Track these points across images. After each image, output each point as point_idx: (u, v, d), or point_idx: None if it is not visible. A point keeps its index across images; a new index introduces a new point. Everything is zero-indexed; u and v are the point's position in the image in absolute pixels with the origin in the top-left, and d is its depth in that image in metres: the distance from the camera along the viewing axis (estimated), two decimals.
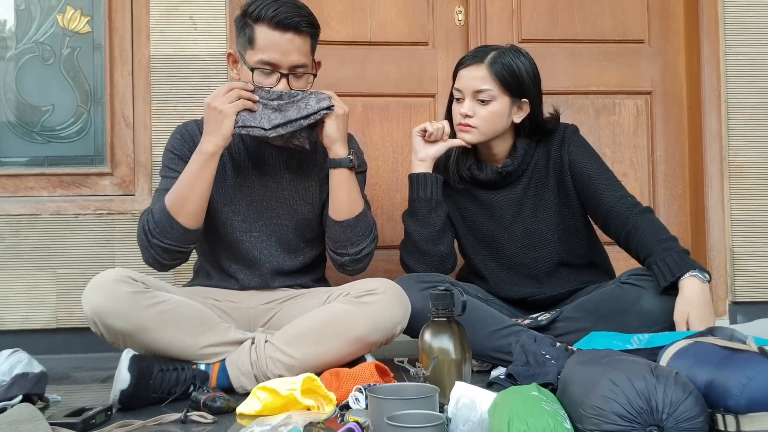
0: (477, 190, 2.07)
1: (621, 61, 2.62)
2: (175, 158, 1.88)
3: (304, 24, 1.79)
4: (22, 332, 2.29)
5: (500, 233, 2.05)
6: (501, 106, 1.95)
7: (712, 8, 2.53)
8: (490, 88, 1.94)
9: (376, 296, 1.74)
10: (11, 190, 2.39)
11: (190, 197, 1.75)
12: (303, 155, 1.93)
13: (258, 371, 1.68)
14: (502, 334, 1.82)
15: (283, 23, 1.76)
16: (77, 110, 2.46)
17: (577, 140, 2.03)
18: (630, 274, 1.91)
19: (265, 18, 1.76)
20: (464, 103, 1.96)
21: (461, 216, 2.10)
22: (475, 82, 1.95)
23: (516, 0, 2.60)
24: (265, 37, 1.77)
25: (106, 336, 1.67)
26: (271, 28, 1.76)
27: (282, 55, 1.78)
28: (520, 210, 2.03)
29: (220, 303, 1.87)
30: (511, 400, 1.19)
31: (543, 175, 2.03)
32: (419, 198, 2.00)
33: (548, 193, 2.03)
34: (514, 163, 2.01)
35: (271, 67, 1.79)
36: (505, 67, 1.94)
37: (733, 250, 2.49)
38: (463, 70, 1.98)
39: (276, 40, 1.77)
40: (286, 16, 1.76)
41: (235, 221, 1.90)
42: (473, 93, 1.95)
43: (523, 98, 1.97)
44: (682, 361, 1.34)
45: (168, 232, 1.74)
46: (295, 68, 1.81)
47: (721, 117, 2.52)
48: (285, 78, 1.79)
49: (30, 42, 2.45)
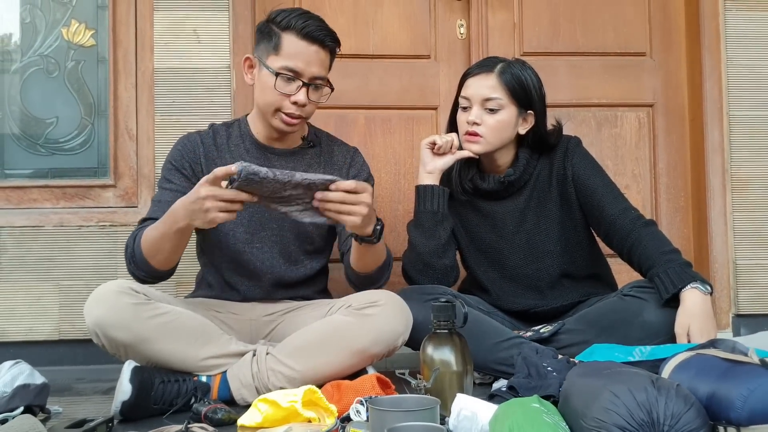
0: (479, 201, 2.07)
1: (623, 74, 2.63)
2: (173, 170, 1.89)
3: (329, 39, 1.86)
4: (24, 344, 2.29)
5: (502, 244, 2.05)
6: (508, 116, 1.96)
7: (713, 21, 2.54)
8: (500, 97, 1.95)
9: (377, 308, 1.74)
10: (15, 201, 2.40)
11: (162, 250, 1.73)
12: (307, 165, 1.94)
13: (259, 383, 1.68)
14: (504, 347, 1.81)
15: (311, 35, 1.82)
16: (81, 122, 2.48)
17: (580, 152, 2.04)
18: (632, 286, 1.90)
19: (294, 27, 1.82)
20: (472, 111, 1.97)
21: (464, 227, 2.10)
22: (484, 90, 1.96)
23: (518, 13, 2.61)
24: (292, 45, 1.82)
25: (108, 347, 1.67)
26: (299, 37, 1.82)
27: (306, 64, 1.82)
28: (523, 221, 2.04)
29: (221, 314, 1.87)
30: (512, 412, 1.19)
31: (546, 187, 2.03)
32: (425, 210, 2.01)
33: (551, 204, 2.03)
34: (516, 172, 2.01)
35: (293, 74, 1.82)
36: (514, 77, 1.96)
37: (736, 262, 2.49)
38: (471, 79, 1.99)
39: (302, 49, 1.82)
40: (315, 29, 1.83)
41: (237, 232, 1.90)
42: (482, 101, 1.96)
43: (528, 110, 1.99)
44: (683, 374, 1.34)
45: (143, 267, 1.76)
46: (315, 79, 1.85)
47: (723, 129, 2.52)
48: (306, 87, 1.83)
49: (35, 55, 2.47)
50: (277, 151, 1.95)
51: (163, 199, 1.84)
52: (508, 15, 2.60)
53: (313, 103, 1.87)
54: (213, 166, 1.87)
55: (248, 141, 1.95)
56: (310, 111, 1.89)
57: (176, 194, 1.82)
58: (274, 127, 1.89)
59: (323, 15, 2.48)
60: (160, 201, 1.84)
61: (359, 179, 1.95)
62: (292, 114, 1.85)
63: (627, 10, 2.64)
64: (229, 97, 2.40)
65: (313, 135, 2.01)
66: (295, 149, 1.96)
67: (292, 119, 1.86)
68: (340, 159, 2.00)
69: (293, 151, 1.96)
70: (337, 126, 2.50)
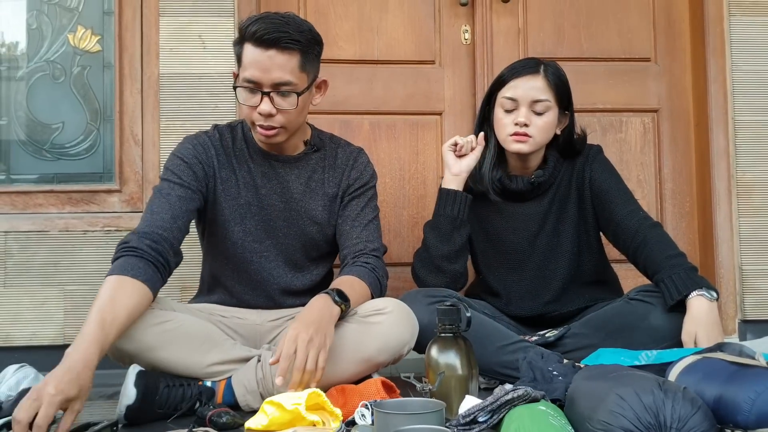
0: (503, 203, 2.06)
1: (627, 79, 2.63)
2: (182, 165, 1.82)
3: (285, 40, 1.72)
4: (29, 348, 2.28)
5: (524, 246, 2.05)
6: (553, 117, 1.97)
7: (718, 26, 2.53)
8: (548, 99, 1.95)
9: (383, 316, 1.71)
10: (21, 206, 2.41)
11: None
12: (311, 171, 1.93)
13: (264, 389, 1.67)
14: (509, 350, 1.81)
15: (263, 39, 1.71)
16: (87, 128, 2.49)
17: (600, 159, 2.06)
18: (638, 291, 1.90)
19: (248, 36, 1.73)
20: (520, 111, 1.95)
21: (484, 229, 2.09)
22: (533, 92, 1.95)
23: (522, 18, 2.62)
24: (249, 54, 1.74)
25: (111, 355, 1.65)
26: (254, 45, 1.73)
27: (263, 72, 1.73)
28: (544, 223, 2.04)
29: (226, 319, 1.87)
30: (518, 414, 1.19)
31: (566, 190, 2.04)
32: (445, 214, 2.00)
33: (570, 206, 2.04)
34: (545, 174, 2.01)
35: (253, 84, 1.75)
36: (559, 78, 1.97)
37: (742, 268, 2.48)
38: (517, 80, 1.97)
39: (257, 57, 1.73)
40: (267, 32, 1.71)
41: (246, 241, 1.88)
42: (531, 103, 1.95)
43: (566, 110, 2.00)
44: (690, 377, 1.33)
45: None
46: (278, 86, 1.75)
47: (728, 134, 2.51)
48: (266, 96, 1.74)
49: (41, 61, 2.48)
50: (281, 158, 1.92)
51: (172, 193, 1.77)
52: (512, 20, 2.61)
53: (285, 111, 1.76)
54: (223, 170, 1.88)
55: (252, 148, 1.91)
56: (286, 120, 1.78)
57: (184, 189, 1.79)
58: (257, 141, 1.87)
59: (328, 21, 2.53)
60: (169, 195, 1.77)
61: (360, 182, 1.95)
62: (263, 125, 1.77)
63: (631, 16, 2.64)
64: (234, 103, 2.40)
65: (316, 138, 1.97)
66: (298, 155, 1.93)
67: (266, 131, 1.78)
68: (342, 161, 1.97)
69: (297, 158, 1.93)
70: (342, 131, 2.50)
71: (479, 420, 1.27)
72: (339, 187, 1.94)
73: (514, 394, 1.27)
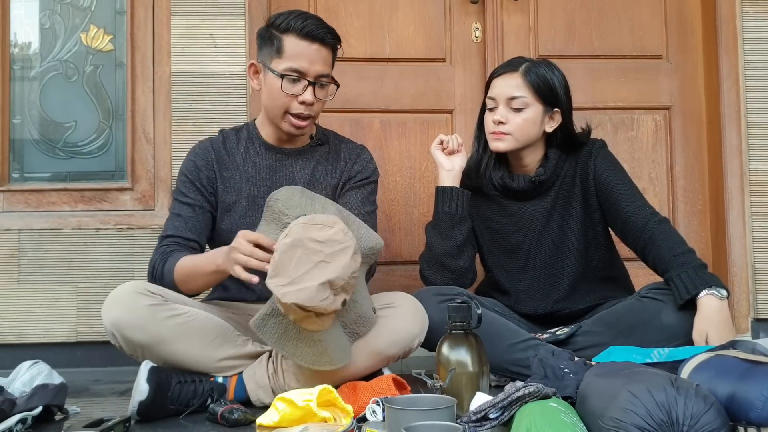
0: (506, 201, 2.07)
1: (639, 77, 2.62)
2: (187, 182, 1.91)
3: (329, 37, 1.88)
4: (42, 345, 2.31)
5: (529, 244, 2.05)
6: (534, 114, 1.97)
7: (730, 23, 2.52)
8: (524, 95, 1.95)
9: (393, 310, 1.75)
10: (34, 204, 2.43)
11: (195, 282, 1.78)
12: (316, 163, 1.96)
13: (275, 385, 1.68)
14: (519, 348, 1.81)
15: (311, 34, 1.85)
16: (99, 126, 2.50)
17: (604, 153, 2.04)
18: (649, 288, 1.89)
19: (294, 29, 1.84)
20: (497, 110, 1.97)
21: (489, 228, 2.09)
22: (509, 89, 1.96)
23: (533, 16, 2.61)
24: (294, 46, 1.85)
25: (125, 348, 1.68)
26: (299, 38, 1.85)
27: (309, 63, 1.85)
28: (549, 221, 2.04)
29: (237, 316, 1.87)
30: (530, 411, 1.19)
31: (570, 186, 2.03)
32: (443, 211, 2.01)
33: (575, 203, 2.03)
34: (546, 172, 2.01)
35: (298, 74, 1.85)
36: (538, 76, 1.96)
37: (754, 266, 2.46)
38: (496, 80, 2.00)
39: (304, 49, 1.85)
40: (314, 27, 1.85)
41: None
42: (507, 100, 1.96)
43: (555, 108, 1.99)
44: (703, 374, 1.32)
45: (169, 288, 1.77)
46: (320, 77, 1.87)
47: (741, 132, 2.50)
48: (312, 86, 1.86)
49: (54, 60, 2.50)
50: (286, 150, 1.97)
51: (182, 213, 1.88)
52: (523, 18, 2.60)
53: (320, 101, 1.90)
54: (225, 170, 1.93)
55: (257, 143, 1.97)
56: (317, 110, 1.91)
57: (192, 208, 1.89)
58: (284, 131, 1.91)
59: (338, 19, 2.53)
60: (180, 215, 1.88)
61: (362, 176, 1.99)
62: (300, 114, 1.87)
63: (643, 13, 2.63)
64: (245, 101, 2.41)
65: (321, 134, 2.03)
66: (304, 148, 1.99)
67: (301, 120, 1.88)
68: (345, 156, 2.01)
69: (302, 150, 1.98)
70: (352, 130, 2.51)
71: (490, 417, 1.26)
72: (341, 178, 1.98)
73: (525, 391, 1.27)
